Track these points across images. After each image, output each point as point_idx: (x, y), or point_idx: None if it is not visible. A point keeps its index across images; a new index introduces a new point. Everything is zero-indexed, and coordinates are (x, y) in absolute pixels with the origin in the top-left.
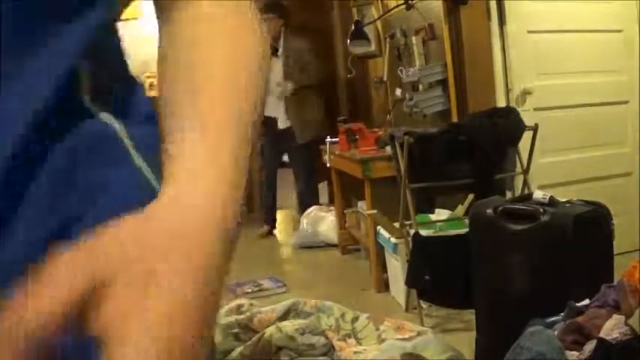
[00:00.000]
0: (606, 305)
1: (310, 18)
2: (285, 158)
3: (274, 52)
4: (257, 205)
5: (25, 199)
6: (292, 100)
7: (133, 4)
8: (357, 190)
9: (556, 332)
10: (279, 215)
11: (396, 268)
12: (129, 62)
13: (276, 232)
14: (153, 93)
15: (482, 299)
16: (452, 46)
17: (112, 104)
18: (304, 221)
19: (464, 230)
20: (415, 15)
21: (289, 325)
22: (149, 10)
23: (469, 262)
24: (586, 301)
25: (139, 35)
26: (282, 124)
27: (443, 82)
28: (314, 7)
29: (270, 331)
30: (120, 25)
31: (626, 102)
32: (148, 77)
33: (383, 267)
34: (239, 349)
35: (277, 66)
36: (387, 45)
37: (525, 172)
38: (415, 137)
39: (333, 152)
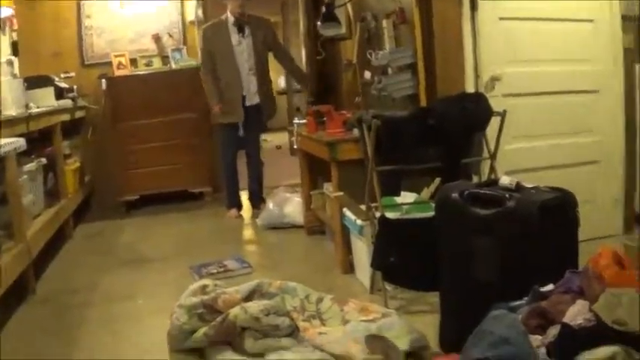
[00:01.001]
0: (570, 291)
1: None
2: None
3: (241, 29)
4: (223, 184)
5: None
6: (258, 78)
7: None
8: (324, 172)
9: (520, 316)
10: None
11: (362, 250)
12: (99, 40)
13: (242, 212)
14: (121, 72)
15: (447, 282)
16: (422, 31)
17: None
18: (270, 202)
19: (430, 214)
20: None
21: (254, 306)
22: None
23: (434, 245)
24: (550, 287)
25: (108, 14)
26: (251, 100)
27: (412, 67)
28: None
29: (234, 312)
30: (90, 3)
31: (596, 91)
32: (117, 56)
33: (348, 249)
34: (203, 330)
35: (247, 43)
36: (358, 28)
37: (492, 157)
38: (383, 120)
39: (300, 134)
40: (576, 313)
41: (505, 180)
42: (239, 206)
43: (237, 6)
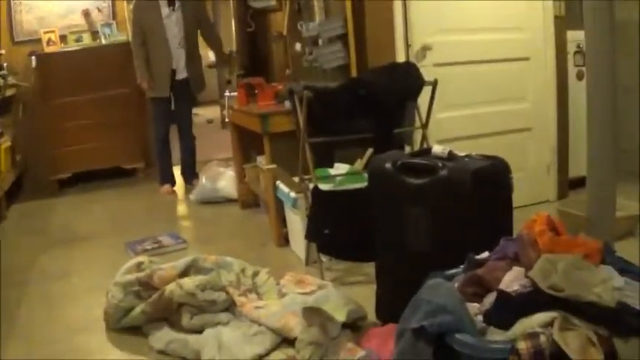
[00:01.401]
0: (506, 258)
1: None
2: None
3: (172, 3)
4: (155, 160)
5: None
6: (187, 52)
7: None
8: (257, 145)
9: (456, 284)
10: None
11: (296, 223)
12: (29, 17)
13: (175, 188)
14: (51, 48)
15: (382, 253)
16: (352, 1)
17: None
18: (203, 177)
19: (363, 184)
20: None
21: (189, 282)
22: None
23: (369, 215)
24: (485, 254)
25: None
26: (180, 74)
27: (343, 37)
28: None
29: (170, 288)
30: None
31: (526, 59)
32: (46, 33)
33: (283, 221)
34: (140, 307)
35: (176, 16)
36: None
37: (424, 126)
38: (314, 92)
39: (231, 107)
40: (512, 280)
41: (437, 149)
42: (172, 182)
43: None
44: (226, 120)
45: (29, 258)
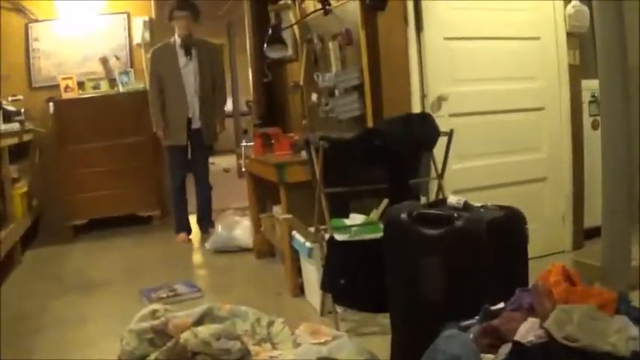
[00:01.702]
0: (521, 308)
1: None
2: None
3: (188, 52)
4: (171, 208)
5: None
6: (203, 101)
7: (49, 5)
8: (273, 195)
9: (471, 335)
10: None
11: (311, 273)
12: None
13: (191, 236)
14: (69, 95)
15: (397, 303)
16: (368, 52)
17: None
18: (219, 225)
19: (378, 235)
20: (332, 20)
21: (204, 330)
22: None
23: (384, 266)
24: (501, 305)
25: (55, 37)
26: (196, 123)
27: (359, 88)
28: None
29: (185, 336)
30: (38, 25)
31: (541, 108)
32: (64, 79)
33: (298, 271)
34: (154, 355)
35: (193, 65)
36: (304, 50)
37: (440, 176)
38: (330, 142)
39: (248, 156)
40: (527, 331)
41: (453, 199)
42: (188, 230)
43: (184, 28)
44: (243, 169)
45: (44, 303)
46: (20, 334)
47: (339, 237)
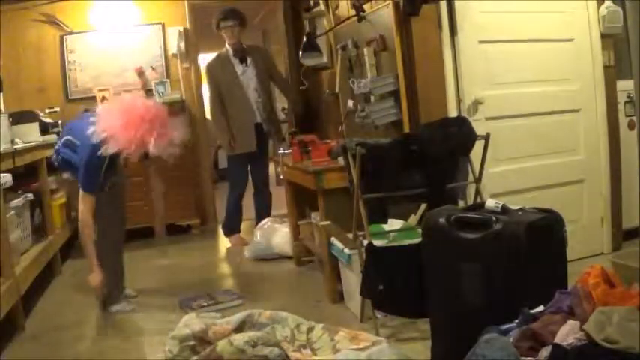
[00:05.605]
0: (560, 311)
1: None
2: None
3: (243, 59)
4: (210, 217)
5: None
6: (265, 104)
7: (84, 17)
8: (311, 202)
9: (511, 339)
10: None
11: (351, 279)
12: (83, 75)
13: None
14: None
15: (436, 308)
16: (403, 57)
17: None
18: (258, 233)
19: (417, 240)
20: (367, 26)
21: (239, 338)
22: (100, 22)
23: (423, 271)
24: (540, 308)
25: (91, 49)
26: (264, 128)
27: (395, 93)
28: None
29: (221, 344)
30: (73, 37)
31: (577, 110)
32: (100, 90)
33: (337, 278)
34: None
35: (250, 71)
36: (339, 56)
37: (477, 181)
38: (367, 148)
39: (286, 164)
40: (567, 333)
41: (491, 203)
42: (239, 231)
43: (232, 37)
44: (281, 177)
45: (83, 313)
46: (60, 344)
47: (377, 243)
